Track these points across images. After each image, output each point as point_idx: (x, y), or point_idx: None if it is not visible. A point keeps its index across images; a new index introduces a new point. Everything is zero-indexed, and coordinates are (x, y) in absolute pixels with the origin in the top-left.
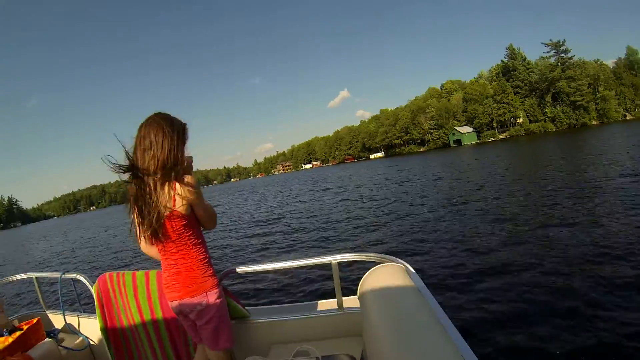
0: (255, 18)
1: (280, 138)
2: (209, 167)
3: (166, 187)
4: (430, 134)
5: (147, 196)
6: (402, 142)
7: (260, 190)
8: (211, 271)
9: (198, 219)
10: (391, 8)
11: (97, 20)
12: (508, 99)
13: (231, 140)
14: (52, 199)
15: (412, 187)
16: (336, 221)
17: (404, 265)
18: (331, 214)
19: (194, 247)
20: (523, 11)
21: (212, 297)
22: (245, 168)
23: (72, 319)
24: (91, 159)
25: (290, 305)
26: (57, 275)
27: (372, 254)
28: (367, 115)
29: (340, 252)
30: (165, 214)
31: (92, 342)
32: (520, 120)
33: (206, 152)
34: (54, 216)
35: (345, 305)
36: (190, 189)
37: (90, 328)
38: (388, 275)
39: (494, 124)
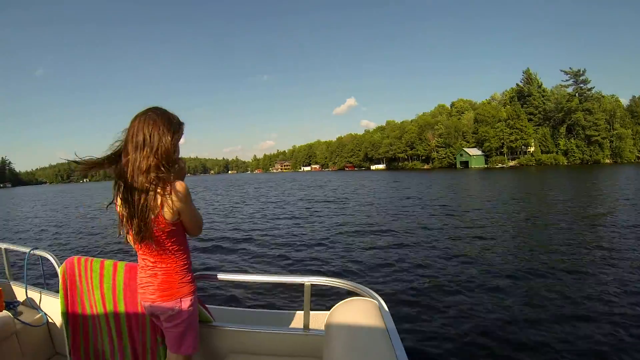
0: (272, 17)
1: (283, 137)
2: (208, 156)
3: (156, 190)
4: (437, 152)
5: (136, 196)
6: (406, 157)
7: (248, 189)
8: (189, 277)
9: (183, 225)
10: (406, 22)
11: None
12: (521, 125)
13: (234, 133)
14: (47, 165)
15: (421, 212)
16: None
17: (378, 302)
18: (321, 242)
19: (175, 253)
20: (532, 34)
21: (186, 303)
22: (244, 162)
23: (34, 295)
24: (92, 132)
25: (256, 312)
26: (26, 250)
27: (348, 283)
28: (372, 125)
29: (315, 275)
30: (151, 219)
31: (50, 320)
32: (532, 149)
33: (207, 141)
34: (45, 182)
35: (311, 326)
36: (181, 196)
37: (51, 306)
38: (359, 310)
39: (504, 149)
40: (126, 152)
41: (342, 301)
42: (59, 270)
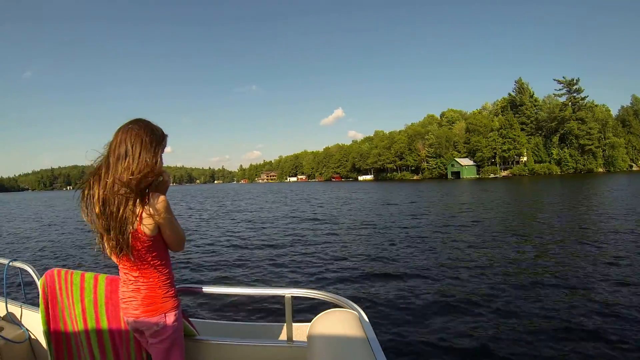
0: (261, 26)
1: (269, 147)
2: (195, 166)
3: (135, 203)
4: (427, 162)
5: (115, 208)
6: (395, 168)
7: (227, 201)
8: (172, 292)
9: (164, 240)
10: (394, 33)
11: (100, 10)
12: (514, 135)
13: (221, 143)
14: (30, 171)
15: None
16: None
17: (358, 313)
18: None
19: (157, 268)
20: (522, 46)
21: (170, 318)
22: (231, 172)
23: (14, 309)
24: (78, 139)
25: (239, 324)
26: (4, 261)
27: (328, 295)
28: (360, 136)
29: (295, 287)
30: (129, 232)
31: (32, 336)
32: (524, 159)
33: (194, 150)
34: (27, 189)
35: (294, 338)
36: (160, 210)
37: (32, 321)
38: (340, 322)
39: (497, 159)
40: (108, 163)
41: (323, 312)
42: (39, 284)
